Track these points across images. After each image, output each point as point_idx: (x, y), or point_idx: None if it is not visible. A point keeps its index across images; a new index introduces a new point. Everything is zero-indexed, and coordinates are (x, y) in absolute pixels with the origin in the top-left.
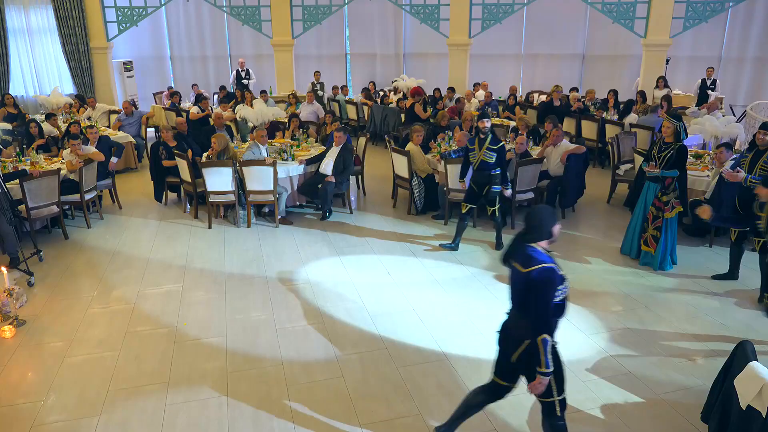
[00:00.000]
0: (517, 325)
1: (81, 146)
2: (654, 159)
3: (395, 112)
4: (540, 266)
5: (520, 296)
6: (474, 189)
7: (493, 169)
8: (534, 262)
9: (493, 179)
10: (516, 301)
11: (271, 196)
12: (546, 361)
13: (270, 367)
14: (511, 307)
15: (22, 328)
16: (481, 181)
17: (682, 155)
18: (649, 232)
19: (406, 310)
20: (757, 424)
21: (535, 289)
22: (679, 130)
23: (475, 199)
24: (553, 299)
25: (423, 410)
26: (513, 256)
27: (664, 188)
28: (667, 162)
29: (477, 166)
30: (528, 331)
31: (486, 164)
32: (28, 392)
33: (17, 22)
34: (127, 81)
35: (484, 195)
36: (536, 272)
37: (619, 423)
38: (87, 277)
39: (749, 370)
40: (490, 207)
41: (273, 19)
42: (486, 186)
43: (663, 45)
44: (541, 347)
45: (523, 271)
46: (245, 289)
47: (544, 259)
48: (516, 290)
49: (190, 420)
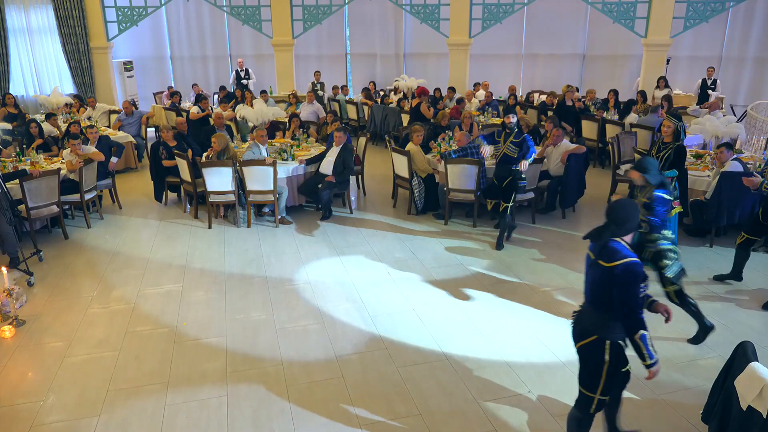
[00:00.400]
0: (589, 319)
1: (81, 146)
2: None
3: (395, 112)
4: (626, 260)
5: (598, 291)
6: (495, 182)
7: (515, 164)
8: (619, 256)
9: (515, 174)
10: (592, 297)
11: (271, 196)
12: (649, 353)
13: (270, 367)
14: (586, 301)
15: (21, 328)
16: (502, 174)
17: (680, 155)
18: None
19: (406, 310)
20: (758, 425)
21: (621, 284)
22: (679, 130)
23: (497, 192)
24: (639, 294)
25: (423, 411)
26: (592, 250)
27: None
28: (666, 162)
29: (500, 159)
30: (597, 326)
31: (508, 158)
32: (27, 392)
33: (17, 21)
34: (128, 81)
35: (504, 189)
36: (622, 267)
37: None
38: (87, 277)
39: (750, 370)
40: (504, 203)
41: (273, 18)
42: (506, 179)
43: (663, 45)
44: (641, 344)
45: (607, 266)
46: (245, 289)
47: (629, 254)
48: (594, 285)
49: (190, 420)
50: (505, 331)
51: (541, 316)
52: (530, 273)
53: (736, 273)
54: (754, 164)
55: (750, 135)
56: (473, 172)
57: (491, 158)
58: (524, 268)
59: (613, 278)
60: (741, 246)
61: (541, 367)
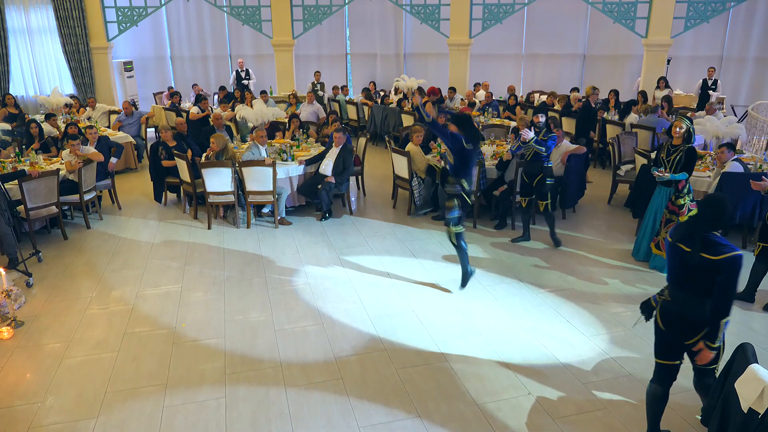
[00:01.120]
0: (696, 310)
1: (80, 147)
2: (663, 163)
3: (395, 112)
4: (733, 254)
5: (698, 282)
6: (525, 180)
7: (546, 162)
8: (726, 249)
9: (546, 171)
10: (689, 284)
11: (271, 197)
12: (722, 337)
13: (269, 368)
14: (677, 290)
15: (20, 329)
16: (531, 171)
17: (691, 158)
18: (661, 236)
19: (406, 311)
20: (756, 425)
21: (727, 275)
22: (690, 131)
23: (530, 190)
24: (737, 283)
25: (422, 412)
26: (687, 242)
27: (677, 191)
28: (677, 165)
29: (530, 157)
30: (700, 313)
31: (538, 156)
32: (25, 394)
33: (17, 22)
34: (128, 81)
35: (536, 187)
36: (729, 259)
37: (619, 425)
38: (86, 277)
39: (750, 372)
40: (542, 201)
41: (273, 19)
42: (537, 176)
43: (664, 45)
44: (721, 327)
45: (714, 259)
46: (244, 290)
47: (734, 247)
48: (692, 276)
49: (188, 422)
50: (505, 332)
51: (540, 317)
52: (530, 274)
53: (750, 291)
54: (755, 165)
55: (751, 135)
56: (473, 172)
57: (520, 147)
58: (524, 270)
59: (719, 269)
60: (760, 258)
61: (541, 369)
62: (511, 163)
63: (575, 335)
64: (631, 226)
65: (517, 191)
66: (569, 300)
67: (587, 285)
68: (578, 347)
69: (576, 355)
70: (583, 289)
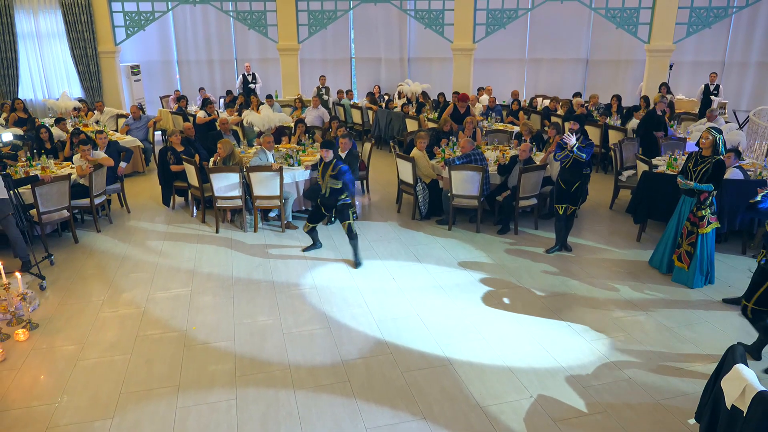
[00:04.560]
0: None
1: (91, 151)
2: (689, 173)
3: (400, 116)
4: None
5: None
6: (562, 187)
7: (585, 168)
8: None
9: (584, 178)
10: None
11: (278, 201)
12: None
13: (277, 371)
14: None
15: (35, 331)
16: (570, 179)
17: (719, 169)
18: (683, 248)
19: (411, 315)
20: (740, 422)
21: None
22: (718, 142)
23: (567, 197)
24: None
25: (427, 415)
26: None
27: (699, 203)
28: (703, 176)
29: (569, 165)
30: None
31: (577, 163)
32: (42, 394)
33: (27, 26)
34: (135, 84)
35: (573, 193)
36: None
37: (618, 428)
38: (97, 280)
39: (734, 371)
40: (572, 206)
41: (279, 23)
42: (575, 183)
43: (666, 50)
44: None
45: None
46: (252, 294)
47: None
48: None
49: (200, 423)
50: (508, 336)
51: (543, 321)
52: (533, 279)
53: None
54: (755, 171)
55: (752, 141)
56: (477, 178)
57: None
58: (527, 274)
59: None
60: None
61: (543, 372)
62: (513, 169)
63: (576, 339)
64: (632, 231)
65: (527, 196)
66: (571, 304)
67: (588, 290)
68: (579, 351)
69: (577, 359)
70: (584, 293)
